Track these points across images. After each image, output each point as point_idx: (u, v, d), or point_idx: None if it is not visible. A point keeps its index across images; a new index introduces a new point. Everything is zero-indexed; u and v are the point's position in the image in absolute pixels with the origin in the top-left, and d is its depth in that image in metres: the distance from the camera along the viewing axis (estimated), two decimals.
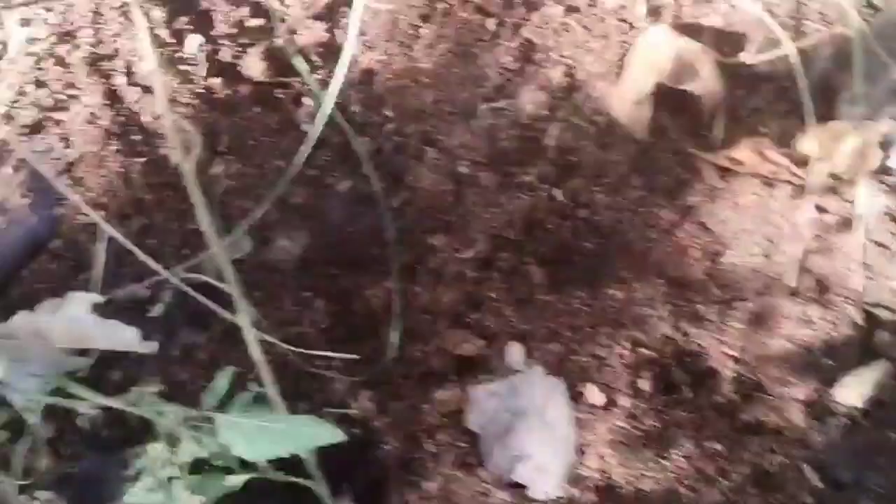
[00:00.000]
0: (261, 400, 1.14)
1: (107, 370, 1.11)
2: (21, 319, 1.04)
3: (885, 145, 1.25)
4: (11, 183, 1.10)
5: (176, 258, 1.12)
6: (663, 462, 1.11)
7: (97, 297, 1.02)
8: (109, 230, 1.01)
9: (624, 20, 1.31)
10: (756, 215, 1.25)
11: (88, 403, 1.05)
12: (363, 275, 1.22)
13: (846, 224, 1.24)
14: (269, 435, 1.05)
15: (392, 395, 1.17)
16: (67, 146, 1.12)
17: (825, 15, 1.32)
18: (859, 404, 1.17)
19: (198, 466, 1.11)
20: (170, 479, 1.09)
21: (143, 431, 1.12)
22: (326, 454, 1.13)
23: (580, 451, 1.12)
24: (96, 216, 1.01)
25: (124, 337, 0.97)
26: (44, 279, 1.10)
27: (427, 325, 1.20)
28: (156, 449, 1.09)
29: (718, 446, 1.13)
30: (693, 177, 1.28)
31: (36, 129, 1.12)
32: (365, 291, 1.21)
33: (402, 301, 1.20)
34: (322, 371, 1.17)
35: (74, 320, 0.98)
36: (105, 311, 1.04)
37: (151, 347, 0.99)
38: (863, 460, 1.15)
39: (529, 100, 1.27)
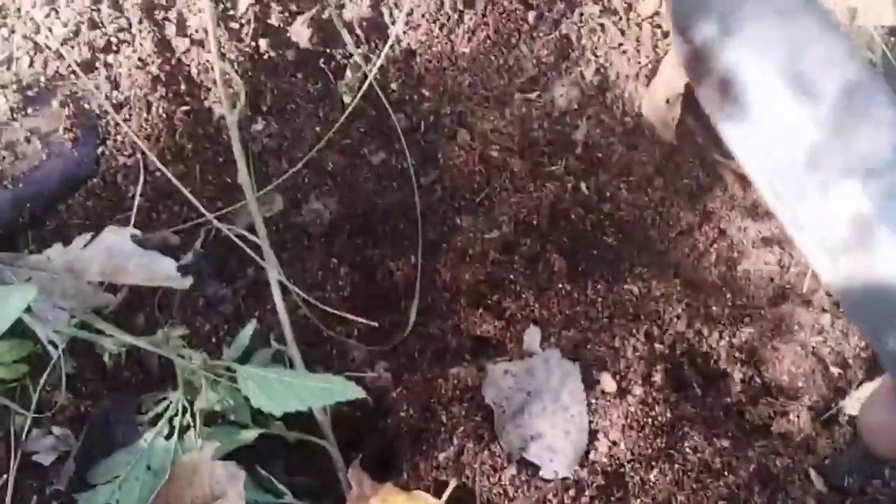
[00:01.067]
0: (280, 359, 1.15)
1: (131, 315, 1.12)
2: (55, 252, 1.05)
3: None
4: (57, 117, 1.10)
5: (209, 209, 1.13)
6: (672, 452, 1.13)
7: (135, 231, 1.03)
8: (158, 166, 1.02)
9: (659, 26, 1.34)
10: (773, 225, 1.28)
11: (113, 340, 1.05)
12: (389, 247, 1.23)
13: None
14: (289, 388, 1.05)
15: (408, 368, 1.19)
16: (115, 88, 1.13)
17: None
18: None
19: (210, 422, 1.11)
20: (185, 427, 1.09)
21: (162, 379, 1.13)
22: (339, 419, 1.14)
23: (592, 435, 1.13)
24: (144, 150, 1.02)
25: (161, 267, 0.98)
26: (79, 215, 1.10)
27: (447, 303, 1.22)
28: (175, 395, 1.09)
29: (726, 443, 1.14)
30: (715, 182, 1.31)
31: (86, 68, 1.13)
32: (389, 263, 1.22)
33: (425, 277, 1.22)
34: (342, 337, 1.18)
35: (112, 249, 0.99)
36: None
37: (186, 282, 1.00)
38: (868, 468, 1.17)
39: (562, 94, 1.30)
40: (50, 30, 1.12)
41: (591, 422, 1.13)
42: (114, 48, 1.14)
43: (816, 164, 0.46)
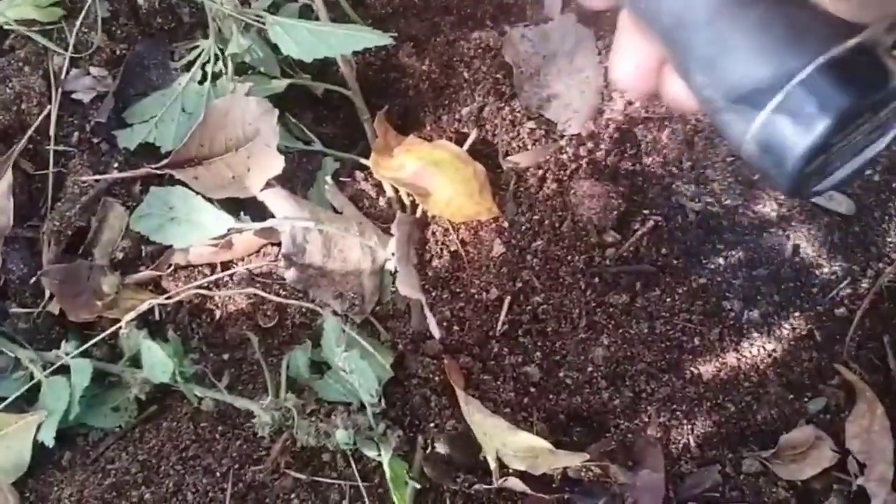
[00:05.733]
0: (307, 15, 1.17)
1: None
2: None
3: None
4: None
5: None
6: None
7: None
8: None
9: None
10: None
11: None
12: None
13: None
14: (317, 36, 1.08)
15: (431, 32, 1.21)
16: None
17: None
18: None
19: (240, 74, 1.15)
20: (217, 74, 1.13)
21: (193, 28, 1.16)
22: (364, 79, 1.18)
23: (608, 96, 1.17)
24: None
25: None
26: None
27: None
28: (206, 43, 1.13)
29: None
30: None
31: None
32: None
33: None
34: None
35: None
36: None
37: None
38: None
39: None
40: None
41: (606, 84, 1.17)
42: None
43: None
